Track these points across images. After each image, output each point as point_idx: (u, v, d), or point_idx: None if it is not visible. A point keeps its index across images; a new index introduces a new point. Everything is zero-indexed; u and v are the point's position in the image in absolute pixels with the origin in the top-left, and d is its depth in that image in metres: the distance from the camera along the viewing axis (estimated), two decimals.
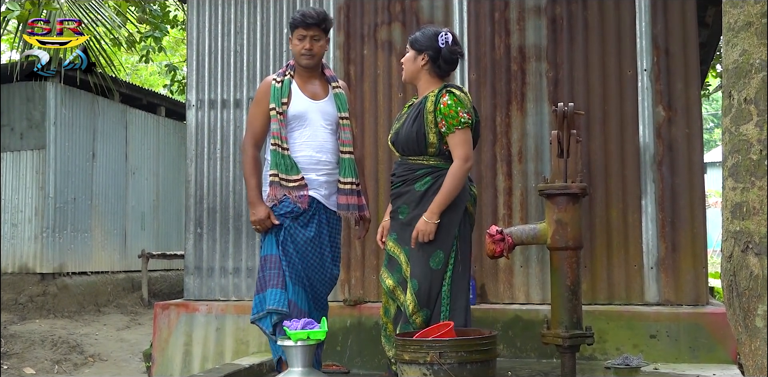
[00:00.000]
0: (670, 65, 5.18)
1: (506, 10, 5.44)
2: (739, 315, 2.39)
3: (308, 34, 3.96)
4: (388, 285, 3.80)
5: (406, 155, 3.82)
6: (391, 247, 3.82)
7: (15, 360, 8.13)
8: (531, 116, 5.34)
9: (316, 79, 4.10)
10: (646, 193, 5.13)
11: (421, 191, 3.73)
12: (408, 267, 3.72)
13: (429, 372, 3.22)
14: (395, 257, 3.80)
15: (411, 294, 3.66)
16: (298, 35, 3.98)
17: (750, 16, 2.42)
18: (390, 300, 3.86)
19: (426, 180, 3.73)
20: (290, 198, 3.87)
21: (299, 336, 3.52)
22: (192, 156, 5.82)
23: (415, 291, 3.65)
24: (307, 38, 3.97)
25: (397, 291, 3.76)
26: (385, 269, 3.85)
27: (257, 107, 4.04)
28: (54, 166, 10.17)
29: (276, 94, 3.97)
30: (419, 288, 3.65)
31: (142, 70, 19.48)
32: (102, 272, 10.90)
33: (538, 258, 5.20)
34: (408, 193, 3.76)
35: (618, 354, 4.72)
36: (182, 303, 5.66)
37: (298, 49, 4.00)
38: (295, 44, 4.00)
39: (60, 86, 10.19)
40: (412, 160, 3.79)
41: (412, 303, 3.66)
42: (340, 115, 4.06)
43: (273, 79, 4.03)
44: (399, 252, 3.78)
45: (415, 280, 3.67)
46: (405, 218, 3.76)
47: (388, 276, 3.82)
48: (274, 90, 3.98)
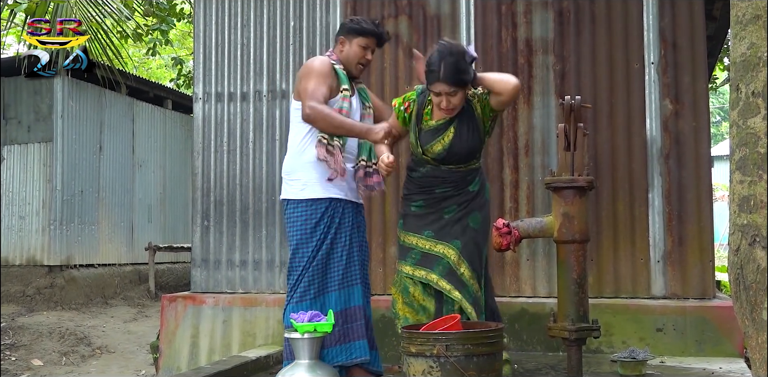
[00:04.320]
0: (677, 58, 5.16)
1: (513, 3, 5.43)
2: (746, 308, 2.39)
3: (374, 47, 4.01)
4: (432, 279, 3.73)
5: (457, 164, 3.80)
6: (427, 244, 3.79)
7: (23, 352, 8.17)
8: (538, 109, 5.33)
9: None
10: (652, 186, 5.12)
11: (474, 191, 3.84)
12: (462, 261, 3.72)
13: (435, 365, 3.23)
14: (434, 253, 3.76)
15: (478, 285, 3.74)
16: (364, 44, 3.97)
17: (758, 10, 2.41)
18: (426, 297, 3.78)
19: (476, 181, 3.85)
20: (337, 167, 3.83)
21: (306, 329, 3.53)
22: (199, 149, 5.83)
23: (478, 282, 3.75)
24: (369, 49, 3.99)
25: (442, 282, 3.72)
26: (417, 266, 3.78)
27: (322, 79, 3.86)
28: (61, 159, 10.19)
29: (345, 78, 3.93)
30: (478, 279, 3.75)
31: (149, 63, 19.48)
32: (109, 264, 10.92)
33: (544, 251, 5.20)
34: (461, 195, 3.81)
35: (624, 347, 4.72)
36: (189, 296, 5.68)
37: (357, 57, 3.98)
38: (355, 51, 3.97)
39: (67, 79, 10.21)
40: (463, 168, 3.81)
41: (480, 293, 3.74)
42: (365, 104, 4.08)
43: (337, 65, 3.94)
44: (443, 248, 3.75)
45: (477, 272, 3.76)
46: (455, 215, 3.78)
47: (428, 272, 3.75)
48: (342, 74, 3.93)
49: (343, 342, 3.85)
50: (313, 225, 3.84)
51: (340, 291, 3.85)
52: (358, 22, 4.03)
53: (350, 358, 3.86)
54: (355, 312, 3.87)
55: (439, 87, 3.63)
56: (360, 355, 3.86)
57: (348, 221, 3.91)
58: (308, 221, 3.85)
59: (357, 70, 4.02)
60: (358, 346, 3.86)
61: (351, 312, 3.86)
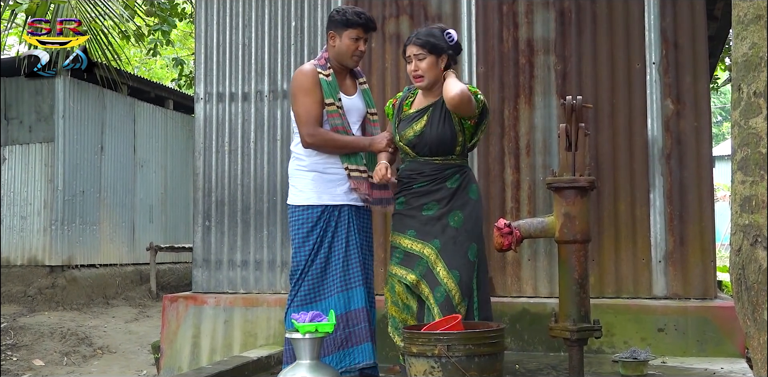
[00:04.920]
0: (678, 58, 5.16)
1: (514, 3, 5.43)
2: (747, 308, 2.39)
3: (364, 36, 3.97)
4: (411, 280, 3.77)
5: (431, 155, 3.83)
6: (409, 244, 3.83)
7: (24, 352, 8.17)
8: (539, 109, 5.33)
9: (346, 74, 4.08)
10: (654, 186, 5.12)
11: (453, 188, 3.82)
12: (439, 260, 3.73)
13: (437, 365, 3.23)
14: (415, 252, 3.80)
15: (455, 285, 3.70)
16: (354, 35, 3.93)
17: (760, 9, 2.41)
18: (409, 295, 3.83)
19: (455, 178, 3.83)
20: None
21: (307, 329, 3.53)
22: (200, 149, 5.83)
23: (457, 282, 3.70)
24: (361, 40, 3.96)
25: (422, 284, 3.75)
26: (400, 266, 3.84)
27: (310, 97, 3.86)
28: (63, 159, 10.19)
29: (330, 88, 3.88)
30: (461, 278, 3.71)
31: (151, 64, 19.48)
32: (110, 264, 10.92)
33: (545, 251, 5.19)
34: (439, 191, 3.81)
35: (626, 347, 4.72)
36: (191, 296, 5.68)
37: (350, 50, 3.94)
38: (347, 44, 3.93)
39: (68, 80, 10.21)
40: (439, 160, 3.82)
41: (457, 293, 3.69)
42: (369, 110, 4.07)
43: (319, 73, 3.90)
44: (422, 247, 3.78)
45: (456, 271, 3.71)
46: (435, 213, 3.79)
47: (408, 272, 3.80)
48: (326, 84, 3.88)
49: (345, 347, 3.83)
50: (308, 230, 3.88)
51: (341, 294, 3.84)
52: (343, 13, 3.98)
53: (353, 363, 3.84)
54: (357, 315, 3.85)
55: (408, 50, 3.81)
56: (363, 359, 3.83)
57: (345, 224, 3.91)
58: (304, 225, 3.89)
59: (353, 62, 4.01)
60: (361, 350, 3.83)
61: (352, 314, 3.85)
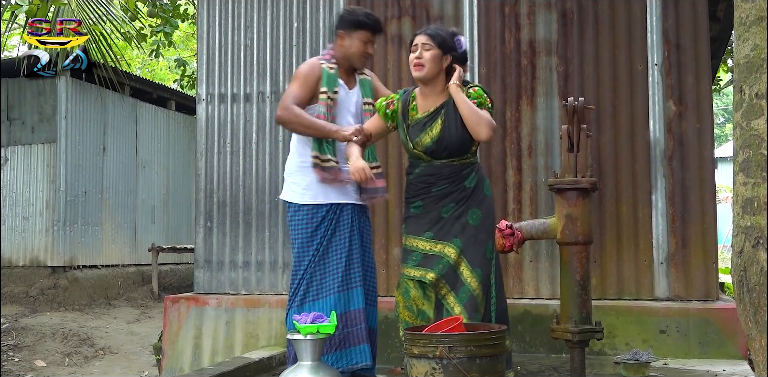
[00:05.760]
0: (680, 60, 5.16)
1: (516, 4, 5.43)
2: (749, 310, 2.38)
3: (373, 39, 4.01)
4: (430, 279, 3.71)
5: (449, 158, 3.78)
6: (427, 245, 3.78)
7: (26, 353, 8.18)
8: (541, 110, 5.33)
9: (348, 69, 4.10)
10: (656, 188, 5.12)
11: (471, 188, 3.80)
12: (461, 259, 3.71)
13: (438, 367, 3.22)
14: (434, 253, 3.75)
15: (478, 283, 3.68)
16: (364, 37, 3.97)
17: (762, 11, 2.41)
18: (425, 301, 3.76)
19: (472, 176, 3.81)
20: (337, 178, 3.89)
21: (309, 330, 3.53)
22: (202, 150, 5.83)
23: (480, 280, 3.69)
24: (370, 42, 4.00)
25: (440, 283, 3.71)
26: (417, 267, 3.76)
27: (304, 86, 3.92)
28: (65, 159, 10.21)
29: (330, 80, 3.93)
30: (482, 276, 3.70)
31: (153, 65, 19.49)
32: (112, 265, 10.93)
33: (547, 253, 5.19)
34: (457, 191, 3.78)
35: (627, 349, 4.71)
36: (192, 297, 5.68)
37: (359, 51, 3.98)
38: (357, 45, 3.97)
39: (70, 80, 10.22)
40: (456, 162, 3.79)
41: (480, 291, 3.68)
42: (363, 100, 4.08)
43: (326, 66, 3.96)
44: (443, 247, 3.74)
45: (479, 269, 3.70)
46: (454, 213, 3.76)
47: (427, 271, 3.73)
48: (328, 76, 3.93)
49: (343, 347, 3.82)
50: (314, 230, 3.87)
51: (340, 294, 3.83)
52: (355, 14, 4.02)
53: (350, 364, 3.83)
54: (356, 316, 3.84)
55: (417, 39, 3.80)
56: (361, 361, 3.82)
57: (346, 224, 3.91)
58: (309, 225, 3.88)
59: (360, 63, 4.05)
60: (359, 351, 3.82)
61: (351, 315, 3.84)
